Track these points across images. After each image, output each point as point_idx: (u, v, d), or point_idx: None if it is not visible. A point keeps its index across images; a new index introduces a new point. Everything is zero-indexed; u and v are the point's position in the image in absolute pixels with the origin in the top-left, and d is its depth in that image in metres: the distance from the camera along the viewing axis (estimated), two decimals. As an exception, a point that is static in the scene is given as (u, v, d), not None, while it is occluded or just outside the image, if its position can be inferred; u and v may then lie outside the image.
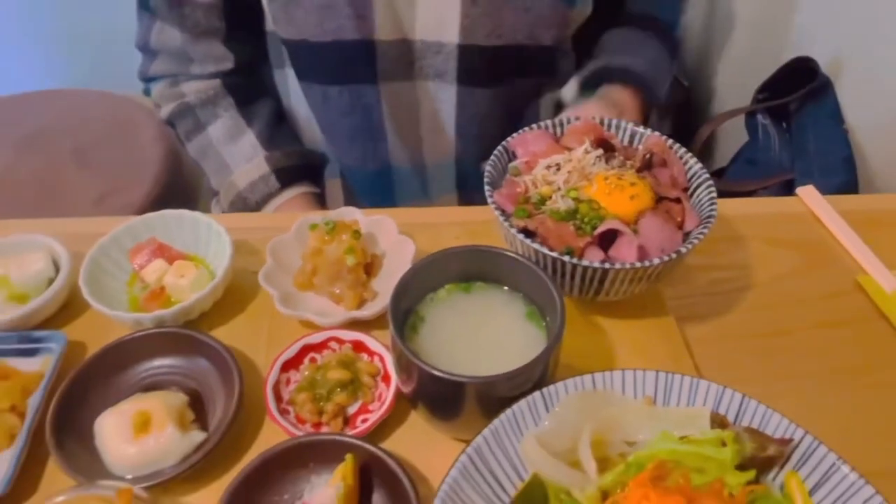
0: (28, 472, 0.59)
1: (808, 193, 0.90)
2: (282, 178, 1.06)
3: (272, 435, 0.61)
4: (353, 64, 0.99)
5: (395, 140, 1.08)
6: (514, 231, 0.65)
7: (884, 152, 1.14)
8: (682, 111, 0.76)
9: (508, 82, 1.01)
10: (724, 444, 0.50)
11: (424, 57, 0.99)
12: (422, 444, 0.62)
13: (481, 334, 0.63)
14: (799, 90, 1.23)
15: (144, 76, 1.11)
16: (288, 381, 0.65)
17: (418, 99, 1.05)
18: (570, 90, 0.95)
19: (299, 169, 1.09)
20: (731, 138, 1.48)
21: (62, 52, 2.25)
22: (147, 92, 1.13)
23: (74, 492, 0.52)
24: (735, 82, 1.58)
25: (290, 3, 0.94)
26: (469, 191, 1.15)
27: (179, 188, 1.65)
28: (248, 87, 1.12)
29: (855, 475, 0.50)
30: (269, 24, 1.00)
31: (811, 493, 0.51)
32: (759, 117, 1.27)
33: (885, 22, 1.13)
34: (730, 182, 1.30)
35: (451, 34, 0.95)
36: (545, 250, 0.62)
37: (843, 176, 1.14)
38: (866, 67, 1.20)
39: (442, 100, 1.04)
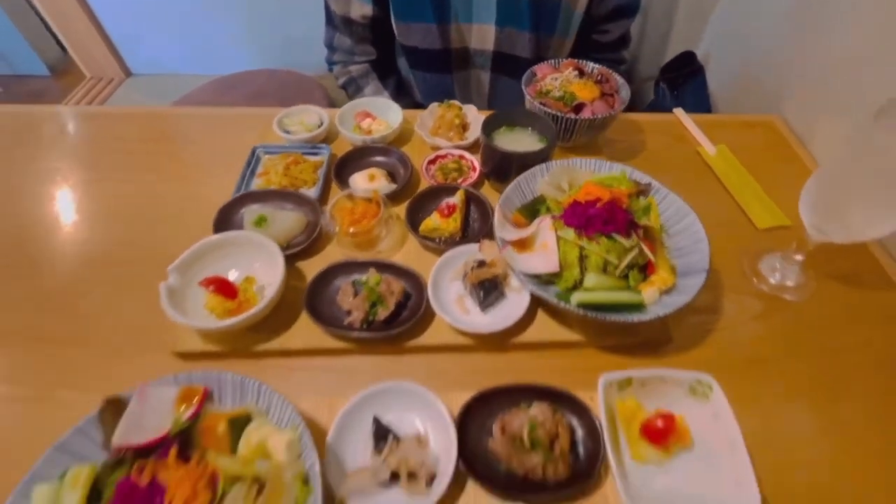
0: (323, 192, 0.84)
1: (679, 112, 1.08)
2: None
3: (425, 185, 0.85)
4: (438, 62, 1.13)
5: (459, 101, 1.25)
6: (536, 102, 0.85)
7: (724, 104, 1.30)
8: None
9: (518, 73, 1.11)
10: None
11: (475, 57, 1.13)
12: (488, 192, 0.85)
13: (519, 144, 0.82)
14: (684, 70, 1.36)
15: (329, 62, 1.22)
16: (430, 168, 0.87)
17: (470, 80, 1.20)
18: None
19: None
20: (644, 95, 1.62)
21: (271, 48, 2.39)
22: (330, 69, 1.26)
23: (349, 192, 0.78)
24: (649, 63, 1.71)
25: (407, 28, 1.08)
26: None
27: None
28: (384, 68, 1.22)
29: (675, 196, 0.73)
30: (397, 36, 1.12)
31: (660, 208, 0.75)
32: (661, 84, 1.39)
33: (733, 35, 1.28)
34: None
35: (489, 45, 1.10)
36: (549, 110, 0.84)
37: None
38: (720, 60, 1.33)
39: (483, 81, 1.19)
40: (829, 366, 0.67)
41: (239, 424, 0.50)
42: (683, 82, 1.40)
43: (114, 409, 0.48)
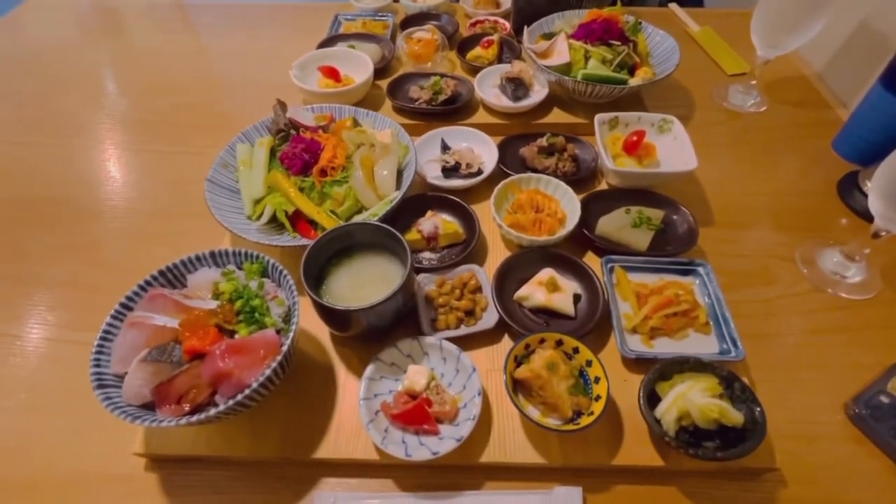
0: (391, 41, 1.13)
1: (673, 6, 1.34)
2: None
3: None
4: None
5: None
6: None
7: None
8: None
9: None
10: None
11: None
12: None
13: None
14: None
15: None
16: (472, 28, 1.15)
17: None
18: None
19: None
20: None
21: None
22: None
23: (413, 30, 1.06)
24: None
25: None
26: None
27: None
28: None
29: (658, 29, 1.00)
30: None
31: (648, 39, 1.02)
32: None
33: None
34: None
35: None
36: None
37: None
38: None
39: None
40: (769, 147, 0.93)
41: (356, 122, 0.78)
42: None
43: (281, 106, 0.77)
